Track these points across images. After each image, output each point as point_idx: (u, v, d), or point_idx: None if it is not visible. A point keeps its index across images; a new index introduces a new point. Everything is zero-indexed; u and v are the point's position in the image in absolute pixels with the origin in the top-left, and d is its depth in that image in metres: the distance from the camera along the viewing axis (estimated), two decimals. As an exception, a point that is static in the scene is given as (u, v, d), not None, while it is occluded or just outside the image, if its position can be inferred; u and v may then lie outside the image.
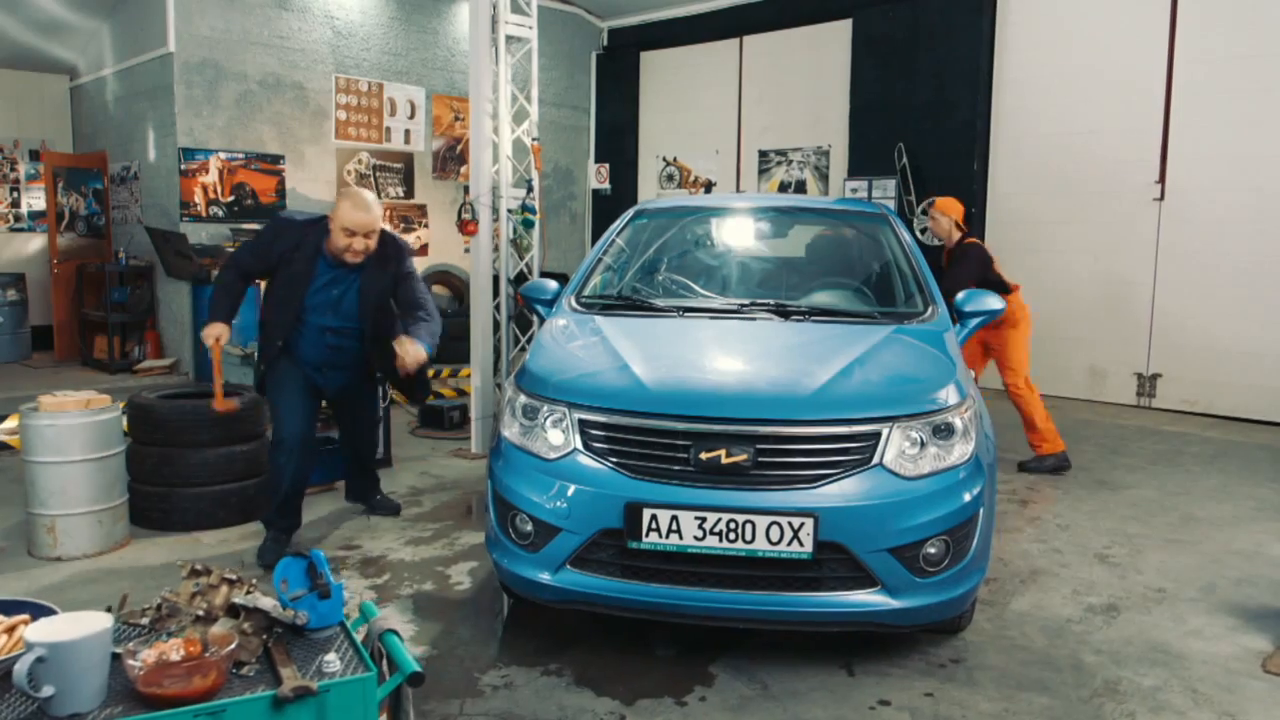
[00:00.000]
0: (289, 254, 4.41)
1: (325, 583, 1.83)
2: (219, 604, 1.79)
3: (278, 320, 4.49)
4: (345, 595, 1.94)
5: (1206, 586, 4.33)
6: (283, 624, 1.80)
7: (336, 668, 1.64)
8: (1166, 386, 8.49)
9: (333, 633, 1.83)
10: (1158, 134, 8.39)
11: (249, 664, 1.66)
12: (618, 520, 3.15)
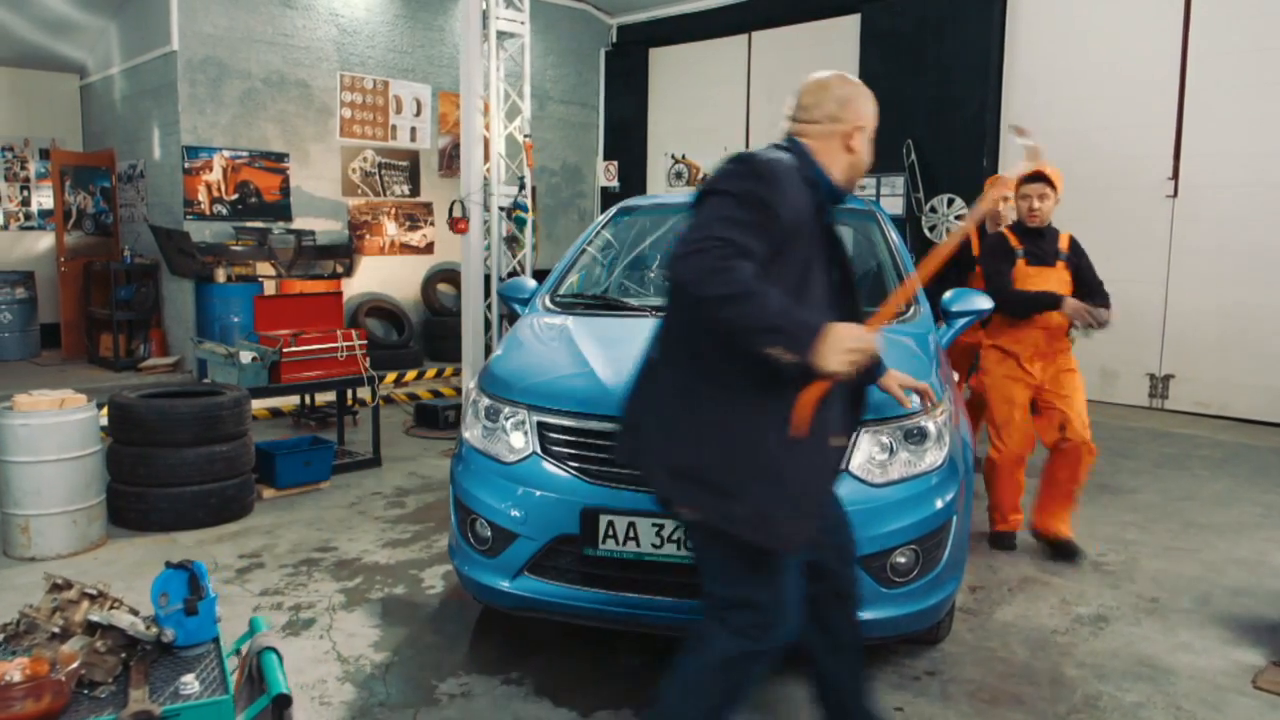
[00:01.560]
0: (800, 220, 2.31)
1: (193, 598, 1.75)
2: (77, 620, 1.72)
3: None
4: (219, 611, 1.86)
5: (1201, 597, 4.18)
6: (146, 642, 1.72)
7: (194, 689, 1.57)
8: (1179, 388, 8.29)
9: (205, 650, 1.75)
10: (1171, 130, 8.20)
11: (104, 684, 1.59)
12: (575, 526, 3.06)
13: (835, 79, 2.52)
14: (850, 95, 2.48)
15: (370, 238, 10.67)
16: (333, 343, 5.92)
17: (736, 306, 2.05)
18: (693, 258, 2.10)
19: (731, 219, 2.16)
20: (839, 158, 2.46)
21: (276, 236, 9.54)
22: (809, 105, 2.50)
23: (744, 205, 2.19)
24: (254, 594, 4.09)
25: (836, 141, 2.46)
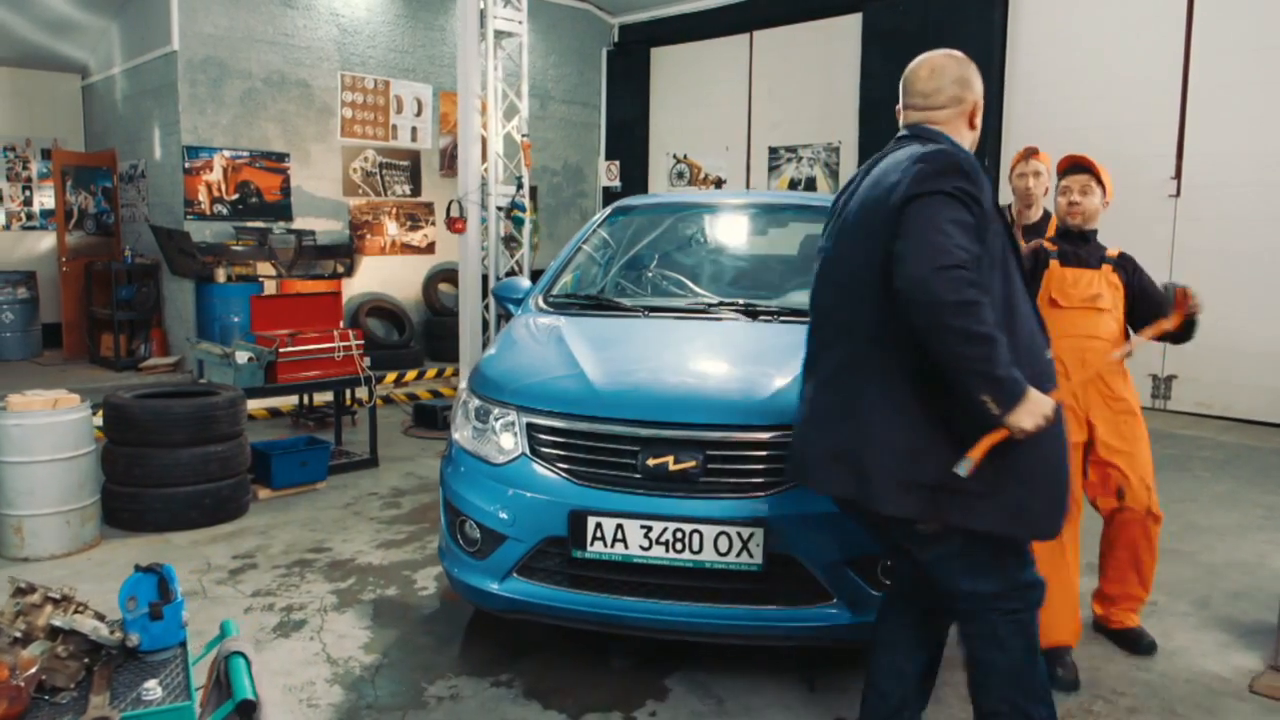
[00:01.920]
0: (990, 207, 2.37)
1: (159, 602, 1.73)
2: (40, 625, 1.70)
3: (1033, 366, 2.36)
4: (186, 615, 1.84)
5: (1200, 600, 4.14)
6: (110, 647, 1.70)
7: (157, 695, 1.55)
8: (1182, 388, 8.24)
9: (171, 655, 1.74)
10: (1173, 129, 8.15)
11: (65, 690, 1.58)
12: (563, 528, 3.04)
13: (946, 60, 2.56)
14: (967, 74, 2.54)
15: (371, 238, 10.66)
16: (329, 343, 5.90)
17: (978, 348, 2.12)
18: (945, 277, 2.13)
19: (960, 221, 2.22)
20: (965, 136, 2.55)
21: (277, 236, 9.53)
22: (930, 91, 2.54)
23: (964, 204, 2.25)
24: (246, 595, 4.08)
25: (963, 122, 2.53)
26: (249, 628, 3.74)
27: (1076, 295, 3.66)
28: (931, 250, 2.18)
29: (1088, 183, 3.73)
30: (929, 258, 2.17)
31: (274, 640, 3.64)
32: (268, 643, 3.62)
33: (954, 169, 2.29)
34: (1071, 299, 3.66)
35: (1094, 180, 3.72)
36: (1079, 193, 3.72)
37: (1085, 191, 3.72)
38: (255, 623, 3.79)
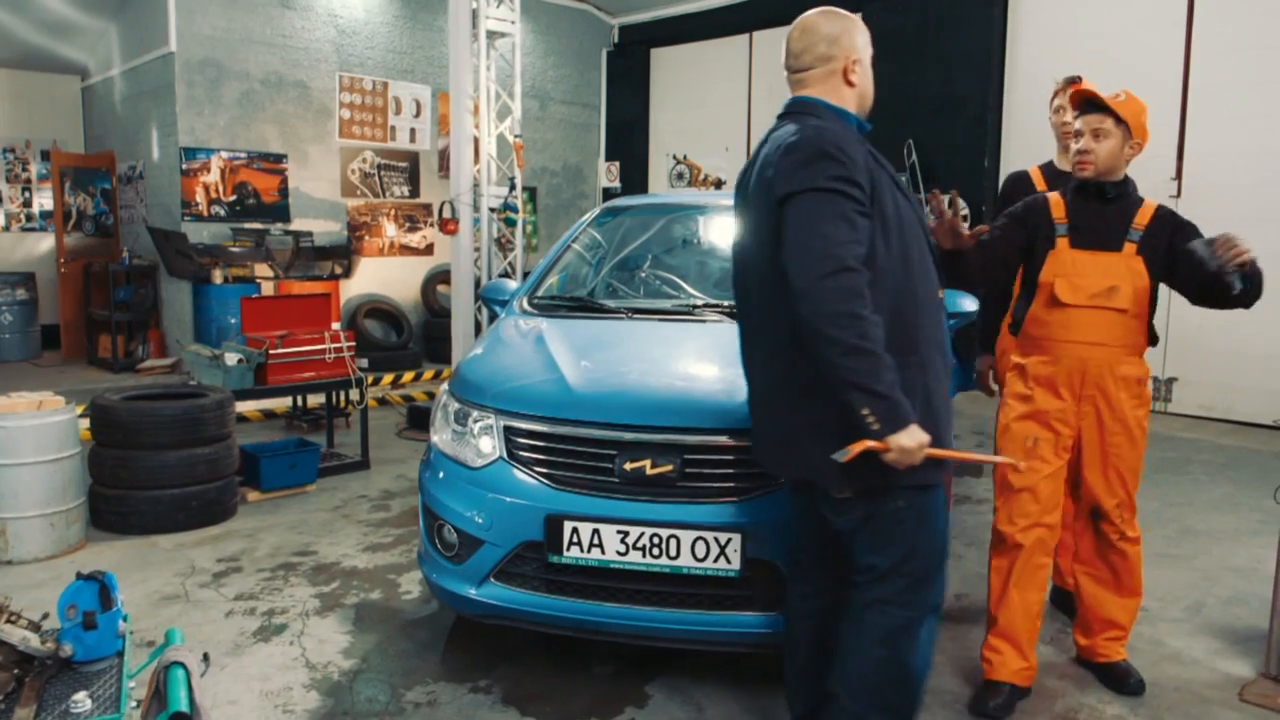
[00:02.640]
0: (873, 178, 2.31)
1: (92, 611, 1.69)
2: None
3: (925, 317, 2.40)
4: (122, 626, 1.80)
5: (1193, 606, 4.08)
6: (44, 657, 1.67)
7: (85, 708, 1.52)
8: (1183, 391, 8.17)
9: (107, 665, 1.70)
10: (1174, 128, 8.08)
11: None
12: (540, 533, 3.00)
13: (818, 17, 2.47)
14: (839, 30, 2.44)
15: (369, 239, 10.65)
16: (320, 344, 5.87)
17: (860, 361, 2.10)
18: (831, 284, 2.10)
19: (842, 216, 2.16)
20: (845, 94, 2.46)
21: (274, 238, 9.52)
22: (799, 51, 2.47)
23: (843, 195, 2.18)
24: (228, 599, 4.05)
25: (837, 80, 2.44)
26: (229, 632, 3.71)
27: (1085, 289, 3.00)
28: (812, 258, 2.14)
29: (1100, 124, 3.03)
30: (810, 267, 2.14)
31: (253, 645, 3.61)
32: (247, 647, 3.58)
33: (821, 155, 2.22)
34: (1079, 294, 3.00)
35: (1111, 119, 3.02)
36: (1091, 137, 3.04)
37: (1098, 135, 3.03)
38: (236, 627, 3.76)
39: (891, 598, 2.37)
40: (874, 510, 2.35)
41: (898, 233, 2.30)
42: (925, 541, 2.39)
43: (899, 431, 2.12)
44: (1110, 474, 3.13)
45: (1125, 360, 3.06)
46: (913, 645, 2.38)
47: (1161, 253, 3.02)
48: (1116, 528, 3.19)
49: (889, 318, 2.23)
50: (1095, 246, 3.05)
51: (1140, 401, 3.12)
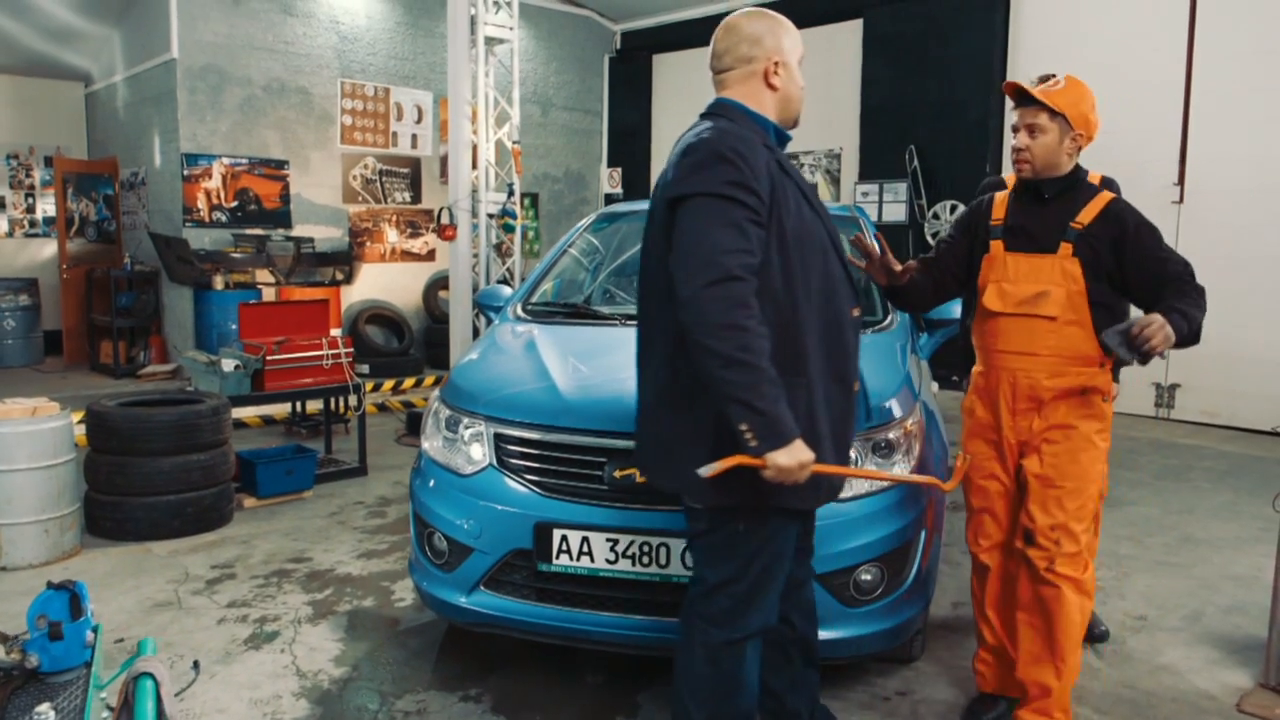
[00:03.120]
0: (774, 185, 2.23)
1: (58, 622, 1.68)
2: None
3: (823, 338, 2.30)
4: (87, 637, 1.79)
5: (1192, 614, 4.05)
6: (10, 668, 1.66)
7: (48, 719, 1.50)
8: (1185, 397, 8.13)
9: (74, 676, 1.69)
10: (1177, 134, 8.05)
11: (-44, 715, 1.53)
12: (529, 541, 2.98)
13: (742, 18, 2.39)
14: (761, 31, 2.34)
15: (371, 245, 10.65)
16: (318, 350, 5.87)
17: (741, 375, 2.01)
18: (714, 293, 2.02)
19: (732, 223, 2.08)
20: (765, 98, 2.36)
21: (275, 243, 9.53)
22: (721, 51, 2.40)
23: (736, 202, 2.10)
24: (221, 606, 4.04)
25: (757, 82, 2.35)
26: (220, 639, 3.70)
27: (1014, 295, 2.81)
28: (697, 265, 2.06)
29: (1035, 119, 2.79)
30: (695, 274, 2.05)
31: (244, 652, 3.59)
32: (238, 655, 3.57)
33: (717, 159, 2.13)
34: (1007, 301, 2.82)
35: (1045, 113, 2.77)
36: (1025, 133, 2.81)
37: (1033, 131, 2.79)
38: (228, 634, 3.75)
39: (713, 616, 2.33)
40: (716, 525, 2.29)
41: (798, 247, 2.21)
42: (756, 569, 2.31)
43: (778, 449, 2.04)
44: (1045, 490, 2.82)
45: (1065, 371, 2.79)
46: (739, 661, 2.34)
47: (1106, 253, 2.73)
48: (1045, 553, 2.80)
49: (777, 334, 2.15)
50: (1029, 249, 2.83)
51: (1091, 415, 2.81)
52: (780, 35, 2.35)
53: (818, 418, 2.23)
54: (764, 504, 2.23)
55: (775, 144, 2.34)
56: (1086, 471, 2.81)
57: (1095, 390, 2.82)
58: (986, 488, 2.98)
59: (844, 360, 2.31)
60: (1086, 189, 2.86)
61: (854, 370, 2.34)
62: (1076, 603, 2.82)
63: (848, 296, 2.33)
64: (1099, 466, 2.84)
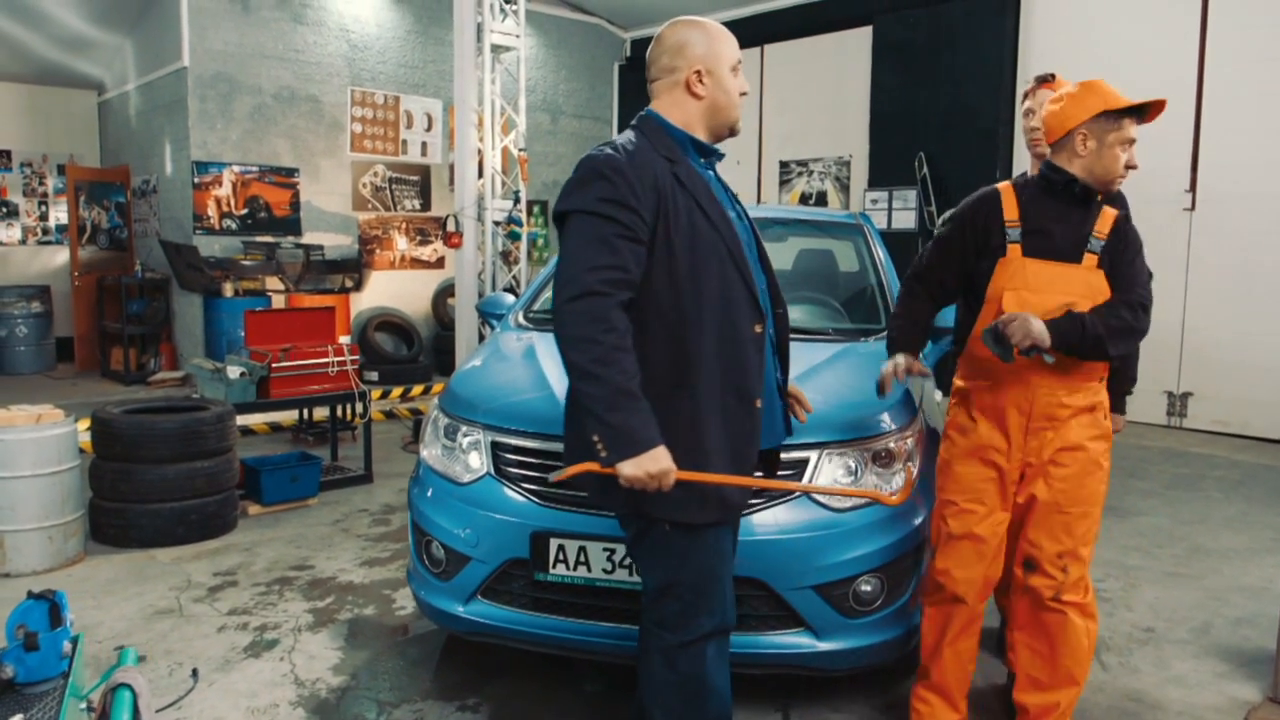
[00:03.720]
0: (664, 199, 2.22)
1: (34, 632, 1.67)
2: None
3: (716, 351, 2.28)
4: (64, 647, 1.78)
5: (1200, 627, 4.00)
6: None
7: None
8: (1198, 405, 8.05)
9: (51, 687, 1.68)
10: (1188, 140, 7.99)
11: (-71, 726, 1.52)
12: (526, 550, 2.96)
13: (669, 28, 2.37)
14: (683, 40, 2.32)
15: (380, 252, 10.68)
16: (324, 358, 5.87)
17: (592, 387, 2.08)
18: (574, 308, 2.09)
19: (602, 240, 2.12)
20: (689, 107, 2.34)
21: (285, 251, 9.57)
22: (650, 62, 2.39)
23: (608, 219, 2.13)
24: (221, 613, 4.03)
25: (680, 92, 2.33)
26: (220, 647, 3.69)
27: (1038, 305, 2.62)
28: (563, 281, 2.13)
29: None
30: (561, 289, 2.13)
31: (243, 660, 3.58)
32: (237, 663, 3.56)
33: (595, 176, 2.17)
34: (1030, 311, 2.60)
35: None
36: (1131, 148, 2.71)
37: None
38: (227, 642, 3.74)
39: (664, 620, 2.34)
40: (644, 530, 2.32)
41: (687, 260, 2.21)
42: (694, 570, 2.30)
43: (626, 459, 2.08)
44: (1052, 516, 2.70)
45: (1080, 388, 2.70)
46: (700, 663, 2.33)
47: (1113, 261, 2.68)
48: (1052, 581, 2.70)
49: (664, 346, 2.21)
50: (1052, 255, 2.67)
51: (1098, 433, 2.74)
52: (706, 43, 2.32)
53: (704, 431, 2.23)
54: (645, 514, 2.26)
55: (692, 155, 2.34)
56: (1094, 494, 2.73)
57: (1100, 407, 2.77)
58: (973, 511, 2.76)
59: (742, 375, 2.28)
60: (1096, 202, 2.77)
61: (755, 386, 2.31)
62: (1083, 627, 2.75)
63: (749, 314, 2.30)
64: (1104, 487, 2.77)
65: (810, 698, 3.29)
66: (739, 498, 2.34)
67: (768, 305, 2.42)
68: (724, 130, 2.41)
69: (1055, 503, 2.71)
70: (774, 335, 2.48)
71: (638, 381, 2.10)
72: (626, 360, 2.08)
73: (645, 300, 2.20)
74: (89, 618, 3.97)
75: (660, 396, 2.19)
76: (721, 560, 2.35)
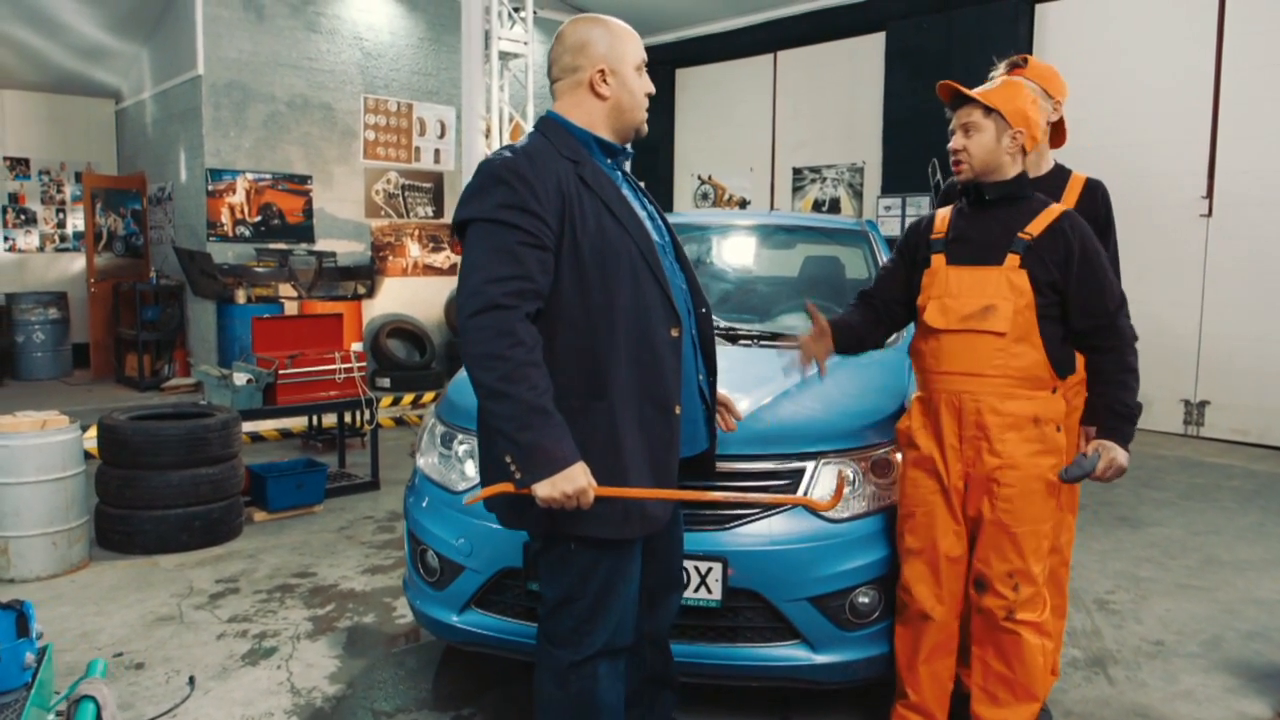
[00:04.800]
0: (568, 203, 2.16)
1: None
2: None
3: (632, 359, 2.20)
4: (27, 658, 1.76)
5: (1211, 640, 3.92)
6: None
7: None
8: (1216, 414, 7.94)
9: (13, 699, 1.66)
10: (1205, 146, 7.90)
11: (-116, 739, 1.51)
12: (519, 559, 2.94)
13: (570, 26, 2.32)
14: (585, 39, 2.26)
15: (393, 259, 10.70)
16: (330, 365, 5.88)
17: (499, 405, 2.02)
18: (477, 323, 2.02)
19: (504, 249, 2.05)
20: (592, 108, 2.28)
21: (297, 258, 9.60)
22: (551, 62, 2.33)
23: (509, 226, 2.06)
24: (222, 621, 4.02)
25: (583, 92, 2.28)
26: (218, 655, 3.68)
27: (957, 310, 2.64)
28: (465, 294, 2.06)
29: (969, 117, 2.62)
30: (464, 303, 2.05)
31: (240, 668, 3.57)
32: (234, 670, 3.55)
33: (494, 182, 2.10)
34: (950, 317, 2.64)
35: (979, 110, 2.61)
36: (961, 133, 2.65)
37: (968, 130, 2.63)
38: (226, 649, 3.73)
39: (557, 637, 2.29)
40: (549, 543, 2.28)
41: (596, 265, 2.14)
42: (595, 586, 2.25)
43: (541, 480, 2.02)
44: (1000, 535, 2.62)
45: (1014, 395, 2.60)
46: (592, 682, 2.28)
47: (1058, 267, 2.58)
48: (1004, 601, 2.64)
49: (577, 357, 2.14)
50: (972, 260, 2.65)
51: (1043, 448, 2.61)
52: (609, 41, 2.26)
53: (622, 443, 2.16)
54: (563, 533, 2.20)
55: (597, 155, 2.28)
56: (1041, 512, 2.64)
57: (1048, 419, 2.64)
58: (926, 525, 2.74)
59: (658, 382, 2.20)
60: (1037, 199, 2.69)
61: (673, 393, 2.23)
62: (1038, 645, 2.67)
63: (665, 318, 2.22)
64: (1053, 502, 2.66)
65: (810, 708, 3.25)
66: (662, 511, 2.25)
67: (688, 306, 2.36)
68: (629, 131, 2.34)
69: (1000, 523, 2.63)
70: (696, 337, 2.40)
71: (550, 396, 2.03)
72: (536, 375, 2.01)
73: (554, 309, 2.13)
74: (90, 624, 3.97)
75: (574, 409, 2.12)
76: (624, 579, 2.28)
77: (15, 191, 11.08)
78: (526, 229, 2.06)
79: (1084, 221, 2.67)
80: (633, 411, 2.17)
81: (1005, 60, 3.01)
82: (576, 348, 2.15)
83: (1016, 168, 2.66)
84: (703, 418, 2.44)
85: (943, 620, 2.75)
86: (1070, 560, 3.04)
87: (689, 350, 2.35)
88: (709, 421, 2.48)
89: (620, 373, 2.15)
